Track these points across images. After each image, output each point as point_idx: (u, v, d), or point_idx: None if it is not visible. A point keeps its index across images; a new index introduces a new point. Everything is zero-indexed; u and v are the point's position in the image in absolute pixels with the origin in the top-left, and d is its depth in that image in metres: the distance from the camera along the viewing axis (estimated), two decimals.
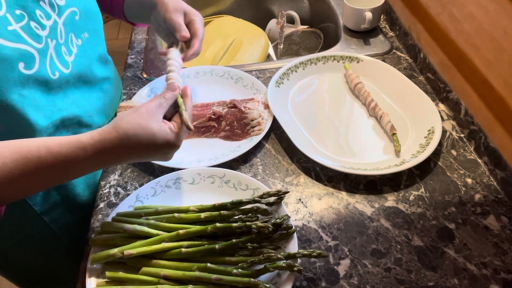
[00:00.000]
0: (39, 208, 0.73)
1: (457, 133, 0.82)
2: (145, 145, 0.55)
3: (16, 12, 0.57)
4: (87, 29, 0.71)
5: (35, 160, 0.50)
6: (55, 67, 0.64)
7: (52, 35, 0.63)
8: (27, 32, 0.58)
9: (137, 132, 0.54)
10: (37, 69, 0.60)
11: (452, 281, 0.61)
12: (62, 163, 0.51)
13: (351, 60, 0.95)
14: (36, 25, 0.60)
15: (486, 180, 0.73)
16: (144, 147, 0.55)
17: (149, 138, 0.55)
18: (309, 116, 0.87)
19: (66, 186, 0.76)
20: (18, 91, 0.58)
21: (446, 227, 0.67)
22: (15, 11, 0.57)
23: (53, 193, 0.74)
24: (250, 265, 0.59)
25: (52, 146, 0.51)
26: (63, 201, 0.76)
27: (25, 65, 0.58)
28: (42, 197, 0.73)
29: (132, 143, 0.54)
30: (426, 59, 0.92)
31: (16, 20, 0.57)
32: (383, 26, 1.11)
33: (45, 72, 0.62)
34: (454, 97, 0.83)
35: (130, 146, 0.54)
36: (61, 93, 0.66)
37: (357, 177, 0.75)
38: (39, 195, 0.72)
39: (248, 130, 0.84)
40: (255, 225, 0.61)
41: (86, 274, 0.61)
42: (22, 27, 0.58)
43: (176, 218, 0.64)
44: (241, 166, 0.79)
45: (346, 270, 0.63)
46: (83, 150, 0.52)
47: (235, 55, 1.15)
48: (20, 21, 0.58)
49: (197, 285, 0.58)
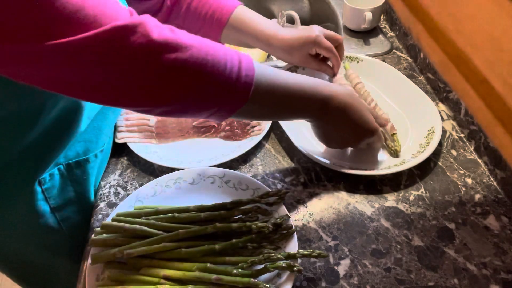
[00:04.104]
0: (53, 203, 0.73)
1: (457, 133, 0.82)
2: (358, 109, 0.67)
3: None
4: None
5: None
6: None
7: None
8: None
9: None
10: None
11: (452, 281, 0.61)
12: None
13: (351, 60, 0.95)
14: None
15: (486, 180, 0.73)
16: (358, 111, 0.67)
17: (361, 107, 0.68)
18: None
19: (81, 182, 0.76)
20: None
21: (446, 227, 0.67)
22: None
23: (69, 188, 0.74)
24: (250, 265, 0.59)
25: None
26: (77, 199, 0.77)
27: None
28: (58, 191, 0.73)
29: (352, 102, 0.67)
30: (426, 59, 0.92)
31: None
32: (383, 26, 1.11)
33: None
34: (454, 97, 0.83)
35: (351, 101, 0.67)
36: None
37: (357, 177, 0.75)
38: (56, 188, 0.72)
39: (248, 130, 0.84)
40: (255, 225, 0.61)
41: (86, 274, 0.61)
42: None
43: (176, 218, 0.64)
44: (241, 166, 0.79)
45: (346, 270, 0.63)
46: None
47: None
48: None
49: (197, 285, 0.58)
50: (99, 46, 0.46)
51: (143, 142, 0.82)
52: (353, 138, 0.70)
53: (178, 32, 0.52)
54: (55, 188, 0.72)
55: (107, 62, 0.48)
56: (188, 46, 0.51)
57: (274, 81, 0.60)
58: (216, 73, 0.53)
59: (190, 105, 0.56)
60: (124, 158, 0.81)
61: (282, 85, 0.61)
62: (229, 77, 0.54)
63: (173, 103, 0.54)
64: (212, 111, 0.57)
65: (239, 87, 0.55)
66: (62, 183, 0.73)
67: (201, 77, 0.53)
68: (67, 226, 0.78)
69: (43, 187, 0.70)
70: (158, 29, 0.49)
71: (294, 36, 0.79)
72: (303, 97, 0.63)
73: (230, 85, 0.55)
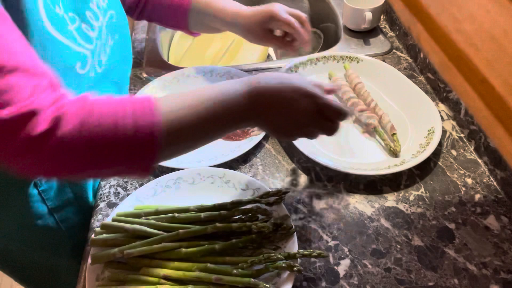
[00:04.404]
0: (51, 204, 0.73)
1: (457, 133, 0.82)
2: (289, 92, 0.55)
3: (69, 15, 0.59)
4: (119, 31, 0.74)
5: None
6: (93, 67, 0.66)
7: (99, 36, 0.65)
8: (80, 34, 0.60)
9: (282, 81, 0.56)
10: (88, 69, 0.63)
11: (452, 281, 0.61)
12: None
13: (351, 60, 0.95)
14: (87, 27, 0.62)
15: (486, 180, 0.73)
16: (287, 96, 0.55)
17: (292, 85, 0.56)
18: None
19: (79, 183, 0.76)
20: (75, 91, 0.58)
21: (446, 227, 0.67)
22: (68, 13, 0.59)
23: (67, 190, 0.75)
24: (250, 265, 0.59)
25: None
26: (75, 200, 0.77)
27: (81, 64, 0.61)
28: (56, 192, 0.73)
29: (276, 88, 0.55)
30: (426, 59, 0.92)
31: (71, 22, 0.59)
32: (383, 26, 1.11)
33: (88, 72, 0.64)
34: (454, 97, 0.83)
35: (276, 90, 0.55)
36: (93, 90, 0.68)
37: (357, 177, 0.75)
38: (53, 189, 0.72)
39: (248, 130, 0.84)
40: (255, 225, 0.61)
41: (86, 274, 0.61)
42: (76, 29, 0.60)
43: (176, 218, 0.64)
44: (241, 166, 0.79)
45: (346, 270, 0.63)
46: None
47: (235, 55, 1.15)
48: (73, 23, 0.60)
49: (197, 285, 0.58)
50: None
51: None
52: (303, 118, 0.57)
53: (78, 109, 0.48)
54: (52, 189, 0.73)
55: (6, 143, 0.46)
56: (77, 125, 0.47)
57: (183, 109, 0.52)
58: (113, 139, 0.48)
59: (105, 173, 0.57)
60: None
61: (193, 109, 0.53)
62: (128, 136, 0.48)
63: (89, 173, 0.53)
64: (131, 171, 0.52)
65: (143, 140, 0.49)
66: (59, 184, 0.73)
67: (101, 150, 0.48)
68: (66, 227, 0.78)
69: (40, 189, 0.70)
70: (54, 111, 0.46)
71: (253, 11, 0.80)
72: (224, 108, 0.54)
73: (131, 143, 0.49)
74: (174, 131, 0.51)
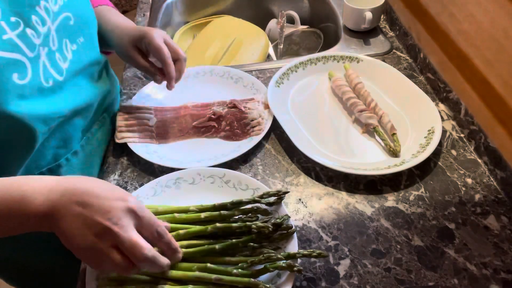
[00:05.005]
0: None
1: (457, 133, 0.82)
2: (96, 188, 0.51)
3: (11, 20, 0.56)
4: (83, 34, 0.70)
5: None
6: (49, 75, 0.63)
7: (45, 43, 0.61)
8: (23, 40, 0.57)
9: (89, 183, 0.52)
10: (30, 78, 0.59)
11: (452, 281, 0.61)
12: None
13: (351, 60, 0.95)
14: (32, 32, 0.58)
15: (486, 180, 0.73)
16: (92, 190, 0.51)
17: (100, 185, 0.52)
18: (309, 116, 0.87)
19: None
20: (15, 102, 0.57)
21: (446, 227, 0.67)
22: (10, 18, 0.56)
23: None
24: (250, 265, 0.59)
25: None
26: None
27: (19, 75, 0.57)
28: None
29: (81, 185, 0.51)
30: (426, 59, 0.92)
31: (11, 28, 0.55)
32: (383, 26, 1.11)
33: (38, 81, 0.60)
34: (454, 97, 0.83)
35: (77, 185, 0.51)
36: (56, 98, 0.65)
37: (357, 177, 0.75)
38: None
39: (248, 130, 0.84)
40: (255, 225, 0.61)
41: (86, 274, 0.61)
42: (18, 35, 0.56)
43: (176, 218, 0.64)
44: (241, 166, 0.79)
45: (346, 270, 0.63)
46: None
47: (235, 55, 1.15)
48: (15, 28, 0.56)
49: (197, 285, 0.58)
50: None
51: (143, 142, 0.82)
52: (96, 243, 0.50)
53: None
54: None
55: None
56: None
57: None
58: None
59: None
60: (124, 158, 0.81)
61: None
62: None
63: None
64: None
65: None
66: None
67: None
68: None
69: None
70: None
71: (133, 27, 0.80)
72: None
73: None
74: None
